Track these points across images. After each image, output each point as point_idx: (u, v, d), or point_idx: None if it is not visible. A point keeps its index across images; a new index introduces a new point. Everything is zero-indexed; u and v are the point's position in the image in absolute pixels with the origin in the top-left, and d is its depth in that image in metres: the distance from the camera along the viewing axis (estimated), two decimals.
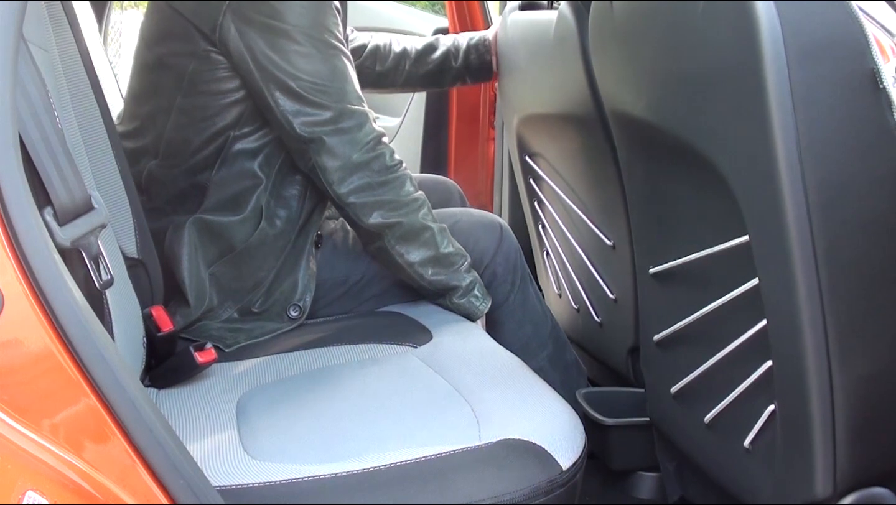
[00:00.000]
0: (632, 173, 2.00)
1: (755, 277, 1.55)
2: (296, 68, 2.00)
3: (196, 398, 1.83)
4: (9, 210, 1.15)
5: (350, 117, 2.04)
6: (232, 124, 2.08)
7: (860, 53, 1.41)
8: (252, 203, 2.11)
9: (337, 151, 2.03)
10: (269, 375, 1.93)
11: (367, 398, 1.80)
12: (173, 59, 2.09)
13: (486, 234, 2.34)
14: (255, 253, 2.12)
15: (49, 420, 1.17)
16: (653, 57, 1.74)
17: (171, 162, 2.12)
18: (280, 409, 1.76)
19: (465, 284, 2.19)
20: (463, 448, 1.58)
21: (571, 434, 1.66)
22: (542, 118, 2.51)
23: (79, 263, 1.35)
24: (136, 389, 1.23)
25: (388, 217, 2.09)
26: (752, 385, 1.63)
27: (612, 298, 2.35)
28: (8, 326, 1.15)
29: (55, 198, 1.28)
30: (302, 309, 2.17)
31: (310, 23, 2.01)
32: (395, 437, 1.63)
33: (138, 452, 1.22)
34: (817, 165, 1.41)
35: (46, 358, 1.17)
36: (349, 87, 2.06)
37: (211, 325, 2.11)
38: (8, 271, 1.15)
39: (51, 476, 1.14)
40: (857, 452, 1.53)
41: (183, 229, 2.08)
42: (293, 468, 1.54)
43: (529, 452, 1.59)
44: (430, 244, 2.14)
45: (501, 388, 1.80)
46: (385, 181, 2.08)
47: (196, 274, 2.09)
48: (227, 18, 1.99)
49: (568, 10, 2.22)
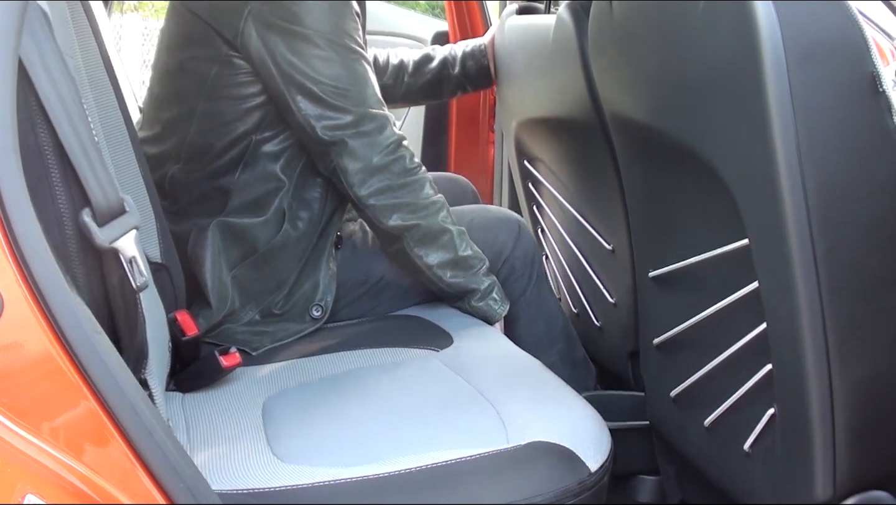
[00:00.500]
0: (631, 177, 2.00)
1: (755, 280, 1.55)
2: (317, 72, 2.02)
3: (221, 402, 1.83)
4: (8, 213, 1.14)
5: (371, 121, 2.06)
6: (254, 128, 2.09)
7: (860, 57, 1.41)
8: (275, 205, 2.12)
9: (358, 154, 2.05)
10: (293, 378, 1.93)
11: (392, 401, 1.80)
12: (195, 65, 2.09)
13: (505, 230, 2.35)
14: (278, 255, 2.14)
15: (49, 423, 1.17)
16: (652, 60, 1.75)
17: (193, 166, 2.13)
18: (306, 412, 1.77)
19: (484, 287, 2.20)
20: (492, 451, 1.59)
21: (598, 436, 1.67)
22: (540, 122, 2.51)
23: (115, 266, 1.35)
24: (136, 393, 1.23)
25: (407, 219, 2.11)
26: (752, 388, 1.63)
27: (612, 302, 2.35)
28: (7, 329, 1.15)
29: (94, 200, 1.29)
30: (324, 309, 2.18)
31: (330, 27, 2.03)
32: (423, 440, 1.63)
33: (138, 455, 1.22)
34: (817, 169, 1.41)
35: (46, 361, 1.17)
36: (370, 91, 2.08)
37: (234, 328, 2.12)
38: (7, 274, 1.14)
39: (50, 479, 1.14)
40: (857, 455, 1.53)
41: (206, 232, 2.10)
42: (322, 471, 1.55)
43: (558, 455, 1.60)
44: (448, 247, 2.16)
45: (525, 390, 1.80)
46: (405, 184, 2.09)
47: (219, 277, 2.10)
48: (249, 23, 2.00)
49: (567, 14, 2.22)
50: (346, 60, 2.04)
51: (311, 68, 2.01)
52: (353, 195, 2.09)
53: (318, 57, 2.02)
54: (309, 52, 2.01)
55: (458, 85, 2.82)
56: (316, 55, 2.01)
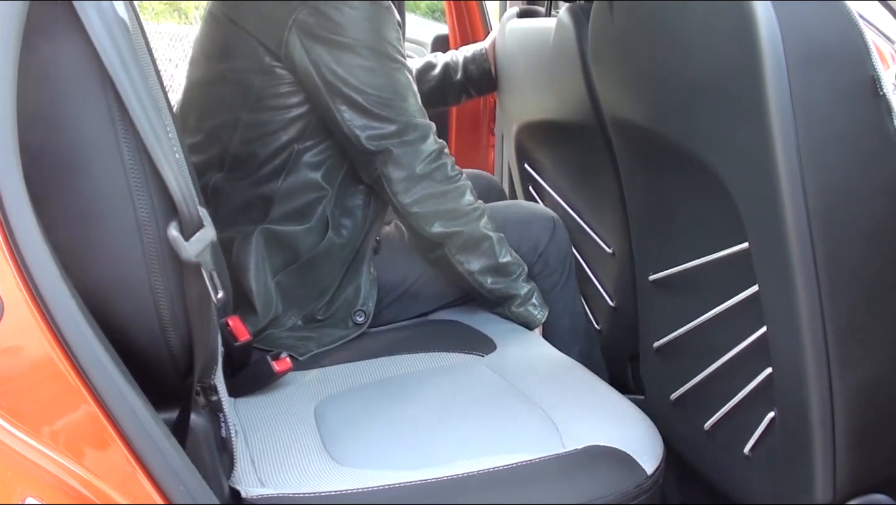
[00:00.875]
0: (631, 180, 2.00)
1: (755, 283, 1.55)
2: (361, 83, 2.02)
3: (274, 407, 1.84)
4: (8, 216, 1.14)
5: (414, 130, 2.07)
6: (296, 138, 2.10)
7: (860, 60, 1.41)
8: (318, 213, 2.14)
9: (402, 162, 2.07)
10: (342, 383, 1.94)
11: (443, 406, 1.81)
12: (238, 75, 2.10)
13: (541, 224, 2.37)
14: (322, 262, 2.15)
15: (49, 427, 1.17)
16: (652, 63, 1.75)
17: (237, 175, 2.14)
18: (359, 416, 1.78)
19: (524, 293, 2.22)
20: (550, 455, 1.60)
21: (651, 439, 1.68)
22: (541, 126, 2.51)
23: (196, 279, 1.35)
24: (136, 396, 1.23)
25: (449, 226, 2.12)
26: (752, 392, 1.63)
27: (612, 306, 2.35)
28: (8, 332, 1.15)
29: (181, 212, 1.29)
30: (367, 314, 2.19)
31: (374, 37, 2.03)
32: (478, 444, 1.64)
33: (138, 458, 1.22)
34: (817, 172, 1.41)
35: (46, 365, 1.17)
36: (412, 100, 2.09)
37: (279, 333, 2.13)
38: (8, 278, 1.15)
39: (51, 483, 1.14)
40: (857, 459, 1.53)
41: (250, 239, 2.11)
42: (382, 474, 1.56)
43: (616, 458, 1.61)
44: (489, 253, 2.18)
45: (573, 395, 1.81)
46: (446, 191, 2.11)
47: (263, 283, 2.11)
48: (293, 34, 2.01)
49: (567, 18, 2.22)
50: (389, 70, 2.05)
51: (355, 78, 2.02)
52: (396, 203, 2.11)
53: (362, 67, 2.02)
54: (353, 62, 2.02)
55: (462, 90, 2.83)
56: (360, 65, 2.02)
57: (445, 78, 2.79)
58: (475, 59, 2.79)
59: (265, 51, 2.04)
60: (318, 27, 2.00)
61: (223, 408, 1.47)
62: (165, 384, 1.37)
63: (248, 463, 1.61)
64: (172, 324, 1.32)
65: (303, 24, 2.00)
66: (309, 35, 2.01)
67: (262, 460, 1.62)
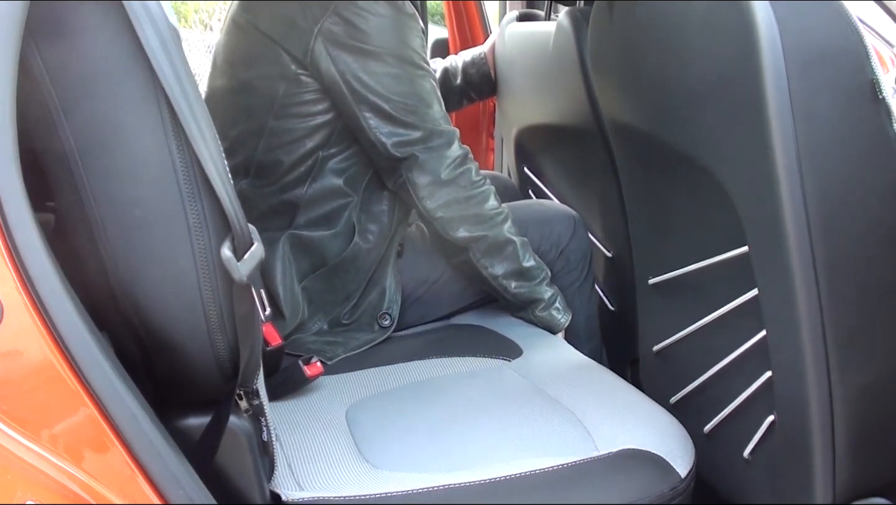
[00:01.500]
0: (631, 184, 2.00)
1: (755, 287, 1.55)
2: (387, 90, 2.03)
3: (305, 411, 1.84)
4: (8, 220, 1.14)
5: (439, 136, 2.08)
6: (321, 144, 2.11)
7: (859, 64, 1.41)
8: (344, 219, 2.15)
9: (427, 168, 2.08)
10: (371, 387, 1.95)
11: (473, 410, 1.80)
12: (263, 83, 2.11)
13: (562, 222, 2.37)
14: (349, 267, 2.16)
15: (49, 430, 1.17)
16: (652, 68, 1.75)
17: (262, 182, 2.15)
18: (390, 420, 1.78)
19: (548, 297, 2.23)
20: (586, 458, 1.60)
21: (683, 443, 1.68)
22: (540, 129, 2.51)
23: (246, 297, 1.35)
24: (136, 400, 1.23)
25: (473, 231, 2.13)
26: (752, 395, 1.63)
27: (612, 309, 2.35)
28: (7, 336, 1.15)
29: (233, 228, 1.29)
30: (392, 318, 2.20)
31: (398, 45, 2.04)
32: (511, 448, 1.64)
33: (137, 462, 1.22)
34: (817, 176, 1.41)
35: (46, 368, 1.17)
36: (436, 107, 2.10)
37: (305, 338, 2.14)
38: (7, 282, 1.14)
39: (50, 486, 1.14)
40: (857, 462, 1.53)
41: (277, 244, 2.12)
42: (418, 477, 1.56)
43: (650, 461, 1.61)
44: (513, 258, 2.18)
45: (602, 398, 1.81)
46: (471, 196, 2.12)
47: (290, 288, 2.12)
48: (319, 43, 2.02)
49: (567, 22, 2.22)
50: (414, 77, 2.06)
51: (381, 86, 2.03)
52: (421, 208, 2.12)
53: (388, 74, 2.03)
54: (378, 69, 2.03)
55: (463, 95, 2.83)
56: (385, 72, 2.03)
57: (445, 83, 2.79)
58: (475, 63, 2.79)
59: (290, 59, 2.05)
60: (343, 35, 2.01)
61: (265, 412, 1.48)
62: (208, 388, 1.38)
63: (286, 467, 1.61)
64: (220, 329, 1.32)
65: (328, 33, 2.01)
66: (335, 43, 2.01)
67: (298, 464, 1.62)
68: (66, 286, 1.19)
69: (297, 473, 1.59)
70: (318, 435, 1.73)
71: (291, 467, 1.61)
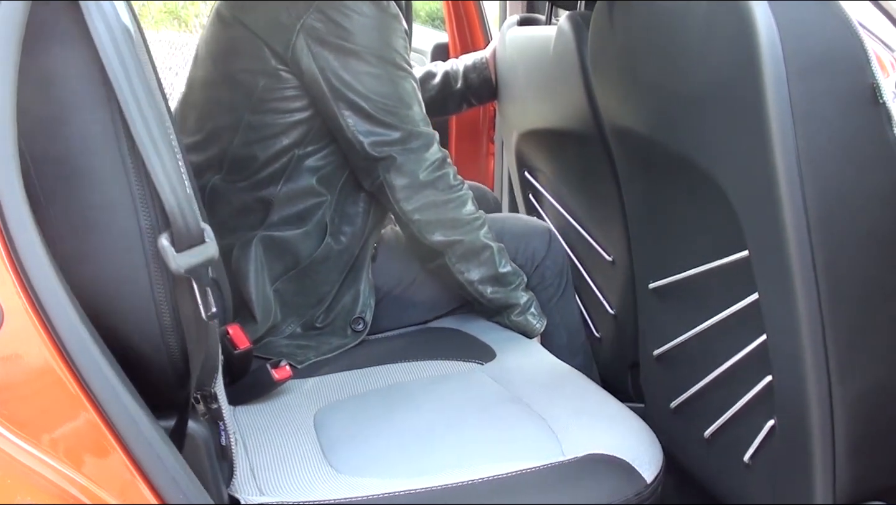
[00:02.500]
0: (631, 188, 2.00)
1: (755, 291, 1.55)
2: (367, 89, 2.03)
3: (273, 415, 1.84)
4: (8, 224, 1.14)
5: (418, 138, 2.07)
6: (297, 142, 2.10)
7: (860, 68, 1.41)
8: (317, 218, 2.14)
9: (405, 170, 2.07)
10: (342, 391, 1.94)
11: (443, 414, 1.80)
12: (243, 77, 2.10)
13: (537, 238, 2.37)
14: (320, 268, 2.15)
15: (49, 435, 1.17)
16: (652, 72, 1.75)
17: (236, 177, 2.14)
18: (358, 424, 1.78)
19: (523, 302, 2.23)
20: (551, 463, 1.60)
21: (650, 448, 1.68)
22: (541, 134, 2.51)
23: (188, 293, 1.35)
24: (136, 404, 1.23)
25: (450, 235, 2.13)
26: (752, 400, 1.63)
27: (612, 314, 2.35)
28: (8, 340, 1.15)
29: (174, 224, 1.29)
30: (365, 322, 2.19)
31: (381, 44, 2.04)
32: (478, 452, 1.64)
33: (138, 466, 1.22)
34: (817, 180, 1.41)
35: (46, 373, 1.17)
36: (416, 109, 2.09)
37: (277, 341, 2.13)
38: (8, 286, 1.15)
39: (50, 490, 1.14)
40: (857, 467, 1.53)
41: (250, 246, 2.11)
42: (382, 483, 1.56)
43: (616, 467, 1.61)
44: (489, 263, 2.18)
45: (574, 403, 1.81)
46: (448, 200, 2.11)
47: (263, 290, 2.11)
48: (301, 39, 2.01)
49: (567, 26, 2.22)
50: (395, 77, 2.06)
51: (361, 85, 2.03)
52: (398, 210, 2.11)
53: (369, 74, 2.03)
54: (359, 68, 2.02)
55: (462, 99, 2.83)
56: (366, 72, 2.03)
57: (446, 87, 2.79)
58: (476, 67, 2.79)
59: (271, 54, 2.04)
60: (326, 32, 2.01)
61: (223, 416, 1.47)
62: (165, 391, 1.37)
63: (248, 471, 1.61)
64: (173, 331, 1.32)
65: (311, 29, 2.01)
66: (317, 40, 2.01)
67: (261, 468, 1.62)
68: (66, 290, 1.19)
69: (259, 477, 1.59)
70: (284, 439, 1.73)
71: (254, 472, 1.61)
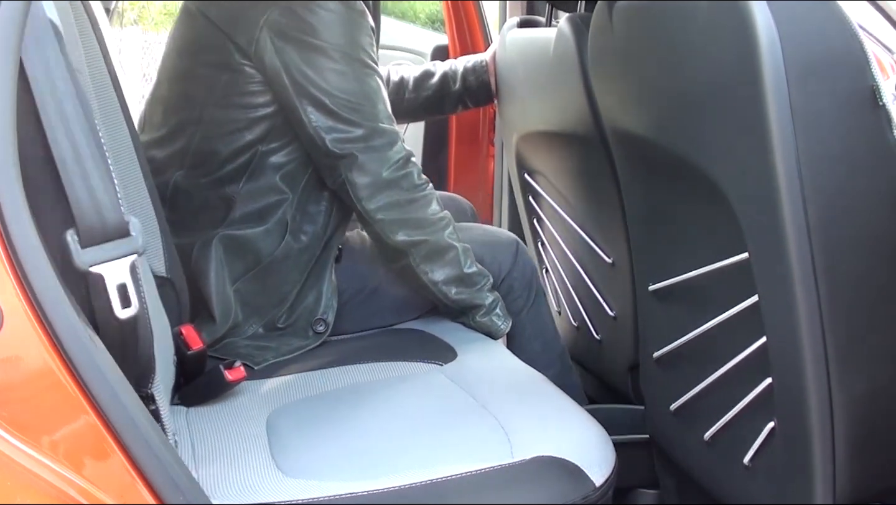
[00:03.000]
0: (631, 191, 2.00)
1: (755, 294, 1.55)
2: (330, 85, 2.02)
3: (226, 416, 1.83)
4: (8, 227, 1.14)
5: (381, 136, 2.06)
6: (260, 138, 2.09)
7: (860, 70, 1.41)
8: (277, 216, 2.12)
9: (368, 168, 2.06)
10: (298, 392, 1.93)
11: (396, 416, 1.80)
12: (206, 70, 2.10)
13: (503, 250, 2.36)
14: (280, 267, 2.14)
15: (49, 437, 1.17)
16: (652, 74, 1.75)
17: (198, 172, 2.13)
18: (311, 426, 1.77)
19: (488, 303, 2.22)
20: (497, 465, 1.59)
21: (602, 451, 1.68)
22: (541, 136, 2.51)
23: (98, 289, 1.33)
24: (136, 406, 1.23)
25: (413, 235, 2.12)
26: (752, 402, 1.63)
27: (612, 316, 2.35)
28: (7, 342, 1.15)
29: (80, 220, 1.27)
30: (327, 324, 2.18)
31: (346, 41, 2.03)
32: (427, 454, 1.64)
33: (138, 468, 1.22)
34: (817, 183, 1.41)
35: (46, 375, 1.17)
36: (381, 106, 2.08)
37: (237, 342, 2.11)
38: (7, 288, 1.15)
39: (50, 493, 1.14)
40: (857, 469, 1.52)
41: (210, 245, 2.09)
42: (326, 485, 1.55)
43: (562, 469, 1.60)
44: (454, 263, 2.17)
45: (530, 405, 1.81)
46: (413, 199, 2.11)
47: (222, 290, 2.09)
48: (264, 33, 2.01)
49: (567, 28, 2.22)
50: (360, 75, 2.05)
51: (324, 81, 2.02)
52: (361, 209, 2.09)
53: (333, 70, 2.02)
54: (323, 64, 2.02)
55: (459, 100, 2.83)
56: (330, 68, 2.02)
57: (443, 87, 2.79)
58: (475, 70, 2.78)
59: (235, 48, 2.04)
60: (290, 27, 2.00)
61: (161, 417, 1.46)
62: None
63: (192, 474, 1.60)
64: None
65: (274, 24, 2.01)
66: (280, 35, 2.01)
67: (206, 472, 1.61)
68: (66, 292, 1.19)
69: (203, 480, 1.57)
70: (235, 442, 1.72)
71: (198, 474, 1.60)
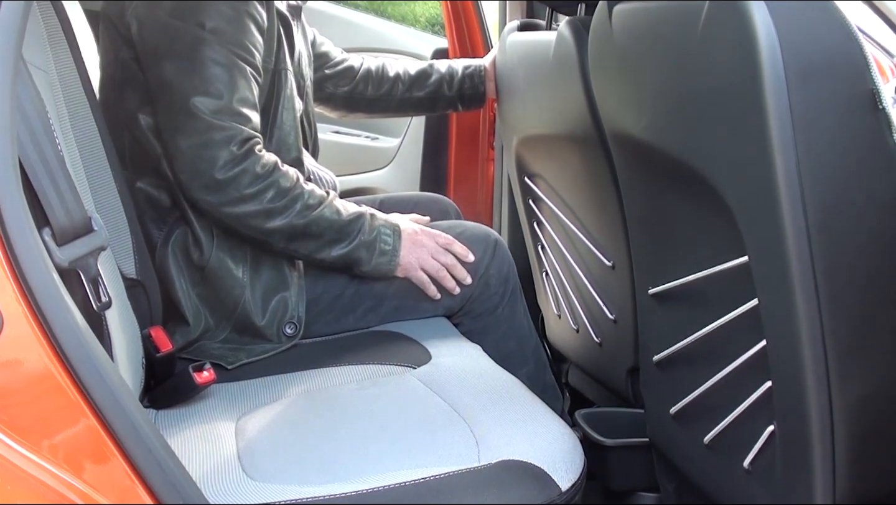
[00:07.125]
0: (631, 194, 2.00)
1: (755, 297, 1.55)
2: (178, 77, 2.00)
3: (195, 419, 1.83)
4: (8, 231, 1.15)
5: (220, 131, 2.00)
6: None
7: (860, 74, 1.41)
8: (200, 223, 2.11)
9: (199, 168, 2.00)
10: (268, 395, 1.93)
11: (365, 419, 1.80)
12: (108, 69, 2.12)
13: (480, 246, 2.34)
14: (217, 273, 2.12)
15: (49, 441, 1.17)
16: (652, 78, 1.75)
17: (141, 172, 2.12)
18: (279, 429, 1.77)
19: (365, 256, 2.16)
20: (462, 469, 1.59)
21: (570, 455, 1.67)
22: (541, 139, 2.51)
23: (77, 285, 1.35)
24: (136, 410, 1.23)
25: (264, 224, 2.06)
26: (752, 405, 1.63)
27: (612, 319, 2.35)
28: (8, 346, 1.15)
29: (53, 219, 1.28)
30: (297, 326, 2.16)
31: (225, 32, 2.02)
32: (394, 458, 1.63)
33: (137, 472, 1.22)
34: (817, 186, 1.41)
35: (46, 379, 1.17)
36: (225, 102, 2.01)
37: (210, 344, 2.10)
38: (7, 292, 1.15)
39: (50, 497, 1.14)
40: (857, 472, 1.52)
41: (167, 246, 2.09)
42: (292, 489, 1.55)
43: (528, 474, 1.60)
44: (317, 236, 2.11)
45: (500, 408, 1.80)
46: (255, 193, 2.04)
47: (188, 293, 2.09)
48: (133, 17, 2.01)
49: (567, 31, 2.22)
50: (210, 64, 2.01)
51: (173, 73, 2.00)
52: (204, 207, 2.05)
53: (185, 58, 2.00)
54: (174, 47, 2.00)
55: (450, 104, 2.85)
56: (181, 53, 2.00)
57: (438, 91, 2.81)
58: (472, 76, 2.79)
59: (123, 41, 2.04)
60: (157, 8, 1.99)
61: None
62: None
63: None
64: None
65: (140, 6, 2.00)
66: (142, 18, 2.00)
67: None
68: (66, 296, 1.19)
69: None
70: (202, 444, 1.72)
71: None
